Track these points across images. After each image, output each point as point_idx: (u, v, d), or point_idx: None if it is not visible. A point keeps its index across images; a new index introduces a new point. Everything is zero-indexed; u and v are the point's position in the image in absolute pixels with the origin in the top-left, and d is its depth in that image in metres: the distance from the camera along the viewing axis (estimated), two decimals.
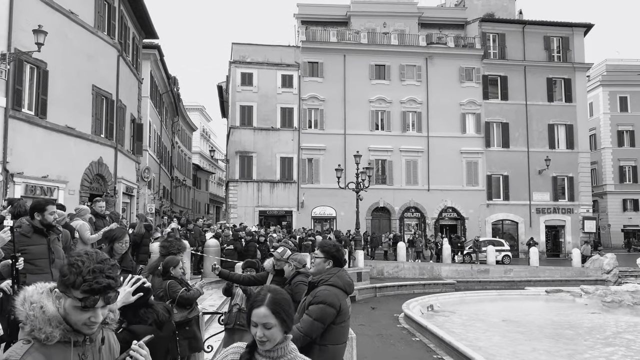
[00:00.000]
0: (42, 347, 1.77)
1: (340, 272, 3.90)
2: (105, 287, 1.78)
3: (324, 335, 3.67)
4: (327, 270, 3.89)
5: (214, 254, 15.15)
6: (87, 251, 1.87)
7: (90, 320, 1.79)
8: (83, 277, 1.76)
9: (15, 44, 13.96)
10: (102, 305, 1.80)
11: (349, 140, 33.43)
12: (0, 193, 13.51)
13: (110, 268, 1.83)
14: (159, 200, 31.94)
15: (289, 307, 2.05)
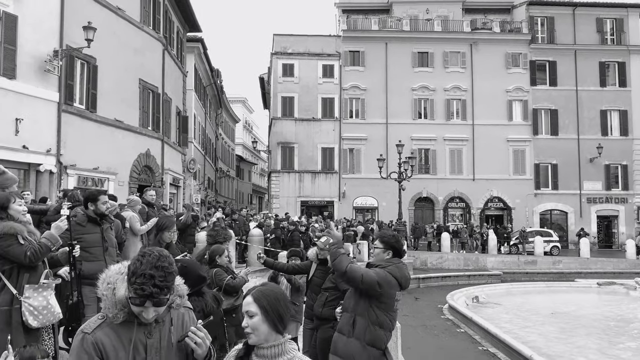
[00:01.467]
0: (112, 323, 1.97)
1: (400, 264, 3.93)
2: (148, 295, 1.88)
3: (373, 315, 3.74)
4: (385, 260, 3.93)
5: (257, 243, 15.37)
6: (151, 252, 1.97)
7: (142, 314, 1.94)
8: (135, 278, 1.89)
9: (67, 40, 14.48)
10: (150, 306, 1.92)
11: (391, 129, 33.09)
12: (55, 184, 14.12)
13: (163, 277, 1.91)
14: (204, 191, 32.62)
15: (275, 301, 1.93)
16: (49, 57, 13.75)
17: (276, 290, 2.00)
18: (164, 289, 1.91)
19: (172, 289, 1.99)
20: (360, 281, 3.67)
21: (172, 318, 2.11)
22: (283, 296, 1.99)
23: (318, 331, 5.07)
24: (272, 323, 1.90)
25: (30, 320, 3.67)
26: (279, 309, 1.93)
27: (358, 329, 3.78)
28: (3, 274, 3.73)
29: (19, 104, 12.96)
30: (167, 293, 1.94)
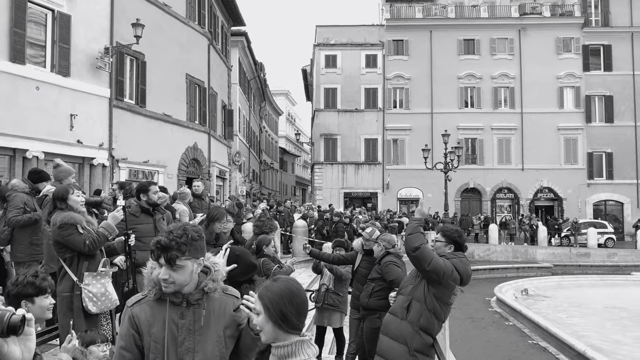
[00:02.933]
0: (150, 301, 2.10)
1: (464, 259, 3.94)
2: (163, 245, 2.00)
3: (430, 303, 3.77)
4: (448, 254, 3.93)
5: (302, 234, 15.52)
6: (184, 224, 2.16)
7: (161, 278, 2.02)
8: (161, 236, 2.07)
9: (117, 37, 14.94)
10: (164, 263, 2.01)
11: (436, 119, 32.52)
12: (107, 177, 14.66)
13: (179, 236, 2.02)
14: (249, 183, 33.12)
15: (278, 299, 1.80)
16: (100, 54, 14.23)
17: (283, 287, 1.85)
18: (180, 245, 1.99)
19: (187, 252, 2.02)
20: (428, 264, 3.66)
21: (213, 305, 2.13)
22: (289, 293, 1.83)
23: (365, 321, 5.09)
24: (275, 322, 1.80)
25: (89, 306, 3.85)
26: (282, 308, 1.80)
27: (413, 313, 3.80)
28: (64, 262, 3.92)
29: (73, 100, 13.50)
30: (179, 251, 2.00)
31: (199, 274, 2.14)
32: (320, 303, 6.24)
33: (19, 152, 11.97)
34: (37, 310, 2.65)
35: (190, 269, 2.06)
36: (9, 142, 11.24)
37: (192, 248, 2.04)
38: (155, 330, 2.05)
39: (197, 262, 2.09)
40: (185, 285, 2.07)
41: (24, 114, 11.91)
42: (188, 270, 2.05)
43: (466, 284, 3.97)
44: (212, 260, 2.22)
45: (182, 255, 2.01)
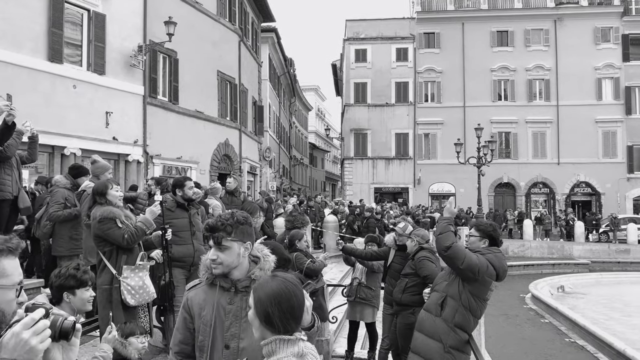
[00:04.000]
0: (204, 286, 2.20)
1: (499, 253, 3.88)
2: (211, 226, 2.12)
3: (465, 300, 3.74)
4: (482, 249, 3.88)
5: (332, 229, 15.51)
6: (237, 211, 2.27)
7: (210, 257, 2.13)
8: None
9: (150, 36, 15.18)
10: (213, 245, 2.12)
11: (469, 112, 31.98)
12: (142, 173, 14.96)
13: (227, 219, 2.13)
14: (279, 179, 33.32)
15: (265, 299, 1.76)
16: (134, 52, 14.49)
17: (275, 288, 1.79)
18: (226, 226, 2.10)
19: (233, 233, 2.11)
20: (461, 262, 3.63)
21: None
22: (279, 296, 1.77)
23: (398, 317, 5.05)
24: (262, 320, 1.77)
25: (128, 299, 3.93)
26: (267, 309, 1.75)
27: (447, 310, 3.77)
28: (103, 255, 4.02)
29: (108, 98, 13.80)
30: (225, 231, 2.10)
31: (250, 263, 2.20)
32: (353, 297, 6.23)
33: (57, 149, 12.32)
34: (78, 302, 2.71)
35: (236, 250, 2.12)
36: (48, 139, 11.53)
37: (238, 230, 2.13)
38: (205, 314, 2.15)
39: (243, 245, 2.14)
40: (232, 267, 2.13)
41: (62, 112, 12.24)
42: (235, 251, 2.12)
43: (502, 280, 3.92)
44: (264, 251, 2.25)
45: (228, 236, 2.10)
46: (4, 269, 1.23)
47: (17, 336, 1.16)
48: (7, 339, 1.16)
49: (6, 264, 1.24)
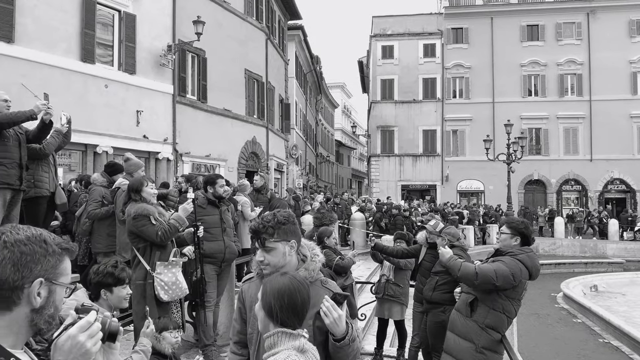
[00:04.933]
0: (256, 280, 2.29)
1: (531, 253, 3.85)
2: (254, 230, 2.20)
3: (497, 301, 3.71)
4: (513, 247, 3.85)
5: (360, 226, 15.47)
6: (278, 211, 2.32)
7: (257, 259, 2.21)
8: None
9: (179, 35, 15.39)
10: (259, 247, 2.18)
11: (498, 108, 31.44)
12: (172, 171, 15.19)
13: (270, 220, 2.19)
14: (306, 176, 33.38)
15: (271, 294, 1.86)
16: (163, 52, 14.72)
17: (281, 283, 1.89)
18: (267, 227, 2.16)
19: (276, 234, 2.16)
20: (474, 281, 3.69)
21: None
22: (283, 291, 1.86)
23: (428, 315, 5.00)
24: (265, 312, 1.87)
25: (161, 294, 3.99)
26: (271, 302, 1.85)
27: (478, 311, 3.75)
28: (138, 251, 4.10)
29: (139, 97, 14.06)
30: (267, 233, 2.15)
31: (299, 261, 2.23)
32: (381, 294, 6.21)
33: (90, 147, 12.63)
34: (115, 299, 2.76)
35: (281, 250, 2.16)
36: (81, 138, 11.83)
37: (280, 231, 2.16)
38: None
39: (288, 244, 2.18)
40: (280, 266, 2.16)
41: (94, 111, 12.53)
42: (279, 252, 2.16)
43: (535, 279, 3.88)
44: (314, 250, 2.28)
45: (271, 237, 2.15)
46: (65, 268, 1.27)
47: (73, 339, 1.19)
48: (62, 340, 1.18)
49: (66, 264, 1.27)
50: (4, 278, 1.16)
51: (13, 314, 1.19)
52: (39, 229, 1.27)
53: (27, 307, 1.19)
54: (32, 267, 1.19)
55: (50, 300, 1.23)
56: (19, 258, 1.18)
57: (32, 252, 1.20)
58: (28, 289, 1.19)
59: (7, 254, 1.17)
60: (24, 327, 1.21)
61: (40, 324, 1.22)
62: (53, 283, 1.23)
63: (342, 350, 2.01)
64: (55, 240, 1.25)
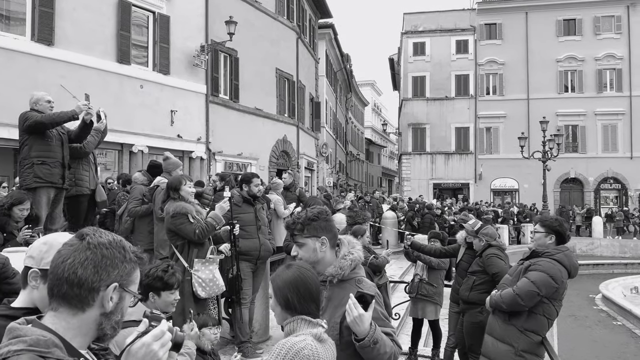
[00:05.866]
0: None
1: (568, 251, 3.77)
2: (286, 226, 2.31)
3: (537, 304, 3.63)
4: (548, 245, 3.77)
5: (391, 225, 15.36)
6: (312, 208, 2.39)
7: (292, 254, 2.32)
8: None
9: (211, 35, 15.57)
10: (293, 242, 2.28)
11: (533, 105, 30.72)
12: (205, 170, 15.40)
13: (300, 217, 2.26)
14: (336, 174, 33.36)
15: (284, 285, 1.89)
16: (196, 52, 14.91)
17: (291, 275, 1.92)
18: (297, 224, 2.23)
19: (306, 230, 2.21)
20: (524, 305, 3.64)
21: (336, 292, 2.17)
22: (295, 281, 1.90)
23: (465, 315, 4.93)
24: (282, 306, 1.90)
25: (199, 291, 4.05)
26: (287, 294, 1.88)
27: (517, 315, 3.65)
28: (176, 248, 4.16)
29: (173, 97, 14.29)
30: (297, 229, 2.22)
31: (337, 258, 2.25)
32: (414, 294, 6.16)
33: (126, 146, 12.91)
34: (162, 304, 2.77)
35: (311, 246, 2.20)
36: (118, 137, 12.10)
37: (310, 227, 2.20)
38: None
39: (318, 240, 2.20)
40: (312, 262, 2.19)
41: (130, 111, 12.79)
42: (310, 247, 2.20)
43: (574, 277, 3.79)
44: (355, 248, 2.27)
45: (301, 233, 2.21)
46: (136, 277, 1.30)
47: (147, 347, 1.22)
48: (136, 347, 1.21)
49: (137, 273, 1.31)
50: (85, 278, 1.19)
51: (85, 315, 1.21)
52: (119, 236, 1.30)
53: (98, 310, 1.22)
54: (110, 271, 1.22)
55: (119, 307, 1.26)
56: (100, 260, 1.21)
57: (112, 257, 1.23)
58: (103, 292, 1.22)
59: (89, 255, 1.21)
60: (92, 330, 1.24)
61: (107, 328, 1.25)
62: (124, 290, 1.26)
63: (364, 350, 1.99)
64: (131, 248, 1.29)
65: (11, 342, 1.13)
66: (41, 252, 1.63)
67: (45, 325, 1.19)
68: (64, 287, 1.19)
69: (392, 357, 2.06)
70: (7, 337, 1.16)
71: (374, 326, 1.98)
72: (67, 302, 1.20)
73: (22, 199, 3.96)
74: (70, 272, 1.19)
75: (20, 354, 1.09)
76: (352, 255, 2.22)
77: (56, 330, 1.18)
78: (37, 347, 1.11)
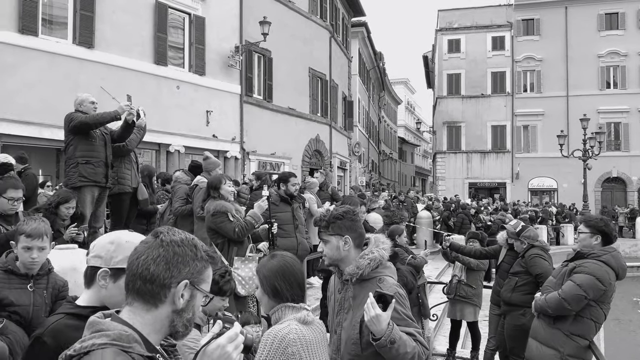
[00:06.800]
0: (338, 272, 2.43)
1: (615, 252, 3.65)
2: (314, 223, 2.44)
3: (584, 308, 3.53)
4: (594, 246, 3.66)
5: (426, 225, 15.18)
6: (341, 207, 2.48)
7: (319, 250, 2.40)
8: None
9: (245, 36, 15.70)
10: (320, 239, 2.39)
11: (573, 102, 29.84)
12: (239, 169, 15.54)
13: (326, 215, 2.34)
14: (369, 174, 33.20)
15: (270, 274, 1.99)
16: (231, 53, 15.06)
17: (276, 264, 2.00)
18: (322, 222, 2.30)
19: (330, 228, 2.26)
20: (571, 309, 3.54)
21: (359, 291, 2.22)
22: (282, 270, 1.99)
23: (506, 317, 4.80)
24: (270, 296, 1.97)
25: (239, 289, 4.08)
26: (275, 283, 1.96)
27: (563, 318, 3.54)
28: (216, 247, 4.21)
29: (208, 97, 14.47)
30: (322, 227, 2.28)
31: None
32: (452, 295, 6.06)
33: (163, 146, 13.15)
34: (210, 307, 2.77)
35: (335, 244, 2.25)
36: (155, 137, 12.32)
37: (334, 225, 2.25)
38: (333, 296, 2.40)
39: (342, 239, 2.24)
40: (335, 259, 2.26)
41: (167, 112, 13.01)
42: (333, 245, 2.25)
43: (622, 278, 3.67)
44: (382, 246, 2.30)
45: (326, 231, 2.27)
46: (207, 276, 1.33)
47: (222, 348, 1.25)
48: (212, 349, 1.25)
49: (209, 272, 1.34)
50: (157, 274, 1.23)
51: (157, 311, 1.25)
52: (191, 234, 1.33)
53: (170, 307, 1.26)
54: (181, 268, 1.26)
55: (191, 305, 1.29)
56: (172, 257, 1.25)
57: (184, 254, 1.27)
58: (174, 289, 1.25)
59: (162, 252, 1.25)
60: (164, 327, 1.27)
61: (179, 326, 1.28)
62: (195, 288, 1.29)
63: (382, 350, 2.01)
64: (203, 247, 1.32)
65: (94, 335, 1.17)
66: (109, 251, 1.66)
67: (125, 320, 1.23)
68: (138, 283, 1.24)
69: (415, 357, 2.06)
70: (89, 331, 1.20)
71: (391, 326, 1.99)
72: (141, 298, 1.24)
73: (68, 197, 4.06)
74: (144, 268, 1.23)
75: (104, 347, 1.13)
76: (372, 254, 2.23)
77: (134, 325, 1.23)
78: (120, 342, 1.15)
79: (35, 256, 2.64)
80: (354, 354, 2.17)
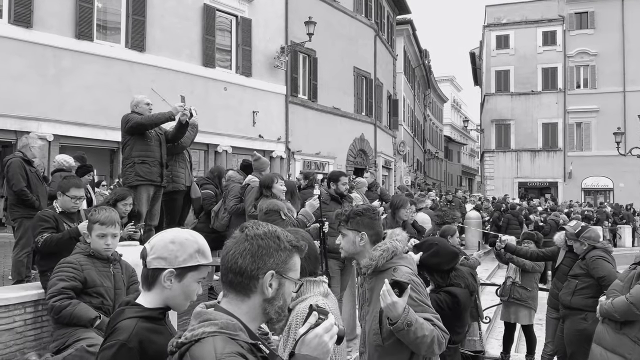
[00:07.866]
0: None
1: None
2: (335, 217, 2.55)
3: None
4: None
5: (475, 226, 14.81)
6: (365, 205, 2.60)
7: (336, 243, 2.52)
8: None
9: (291, 37, 15.80)
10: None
11: (630, 98, 28.47)
12: (285, 169, 15.66)
13: (347, 210, 2.46)
14: (414, 173, 32.77)
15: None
16: (277, 53, 15.20)
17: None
18: (342, 216, 2.43)
19: (349, 223, 2.38)
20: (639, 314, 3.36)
21: (378, 284, 2.26)
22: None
23: (566, 321, 4.60)
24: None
25: None
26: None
27: (630, 324, 3.36)
28: None
29: (254, 98, 14.66)
30: (341, 221, 2.41)
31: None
32: (506, 297, 5.89)
33: (211, 147, 13.42)
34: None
35: (351, 239, 2.36)
36: (204, 138, 12.55)
37: (353, 221, 2.37)
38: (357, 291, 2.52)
39: (358, 234, 2.34)
40: (351, 252, 2.39)
41: (215, 113, 13.26)
42: (350, 239, 2.37)
43: None
44: (394, 238, 2.38)
45: (345, 225, 2.39)
46: (294, 264, 1.39)
47: (319, 337, 1.31)
48: (310, 337, 1.31)
49: (296, 260, 1.40)
50: (244, 267, 1.31)
51: (250, 301, 1.34)
52: (275, 226, 1.42)
53: (260, 297, 1.34)
54: (266, 259, 1.33)
55: (280, 293, 1.36)
56: (257, 250, 1.33)
57: (267, 246, 1.34)
58: (262, 279, 1.32)
59: (247, 246, 1.33)
60: (259, 315, 1.36)
61: (272, 313, 1.36)
62: (282, 276, 1.35)
63: (399, 334, 2.09)
64: (287, 238, 1.38)
65: (203, 324, 1.26)
66: (173, 251, 1.67)
67: (228, 310, 1.33)
68: (230, 276, 1.33)
69: (434, 340, 2.12)
70: (197, 320, 1.30)
71: (407, 310, 2.05)
72: (234, 289, 1.34)
73: (125, 195, 4.19)
74: (232, 262, 1.33)
75: (214, 335, 1.22)
76: (384, 246, 2.33)
77: (236, 314, 1.32)
78: (227, 330, 1.24)
79: (110, 242, 2.85)
80: (376, 345, 2.26)
